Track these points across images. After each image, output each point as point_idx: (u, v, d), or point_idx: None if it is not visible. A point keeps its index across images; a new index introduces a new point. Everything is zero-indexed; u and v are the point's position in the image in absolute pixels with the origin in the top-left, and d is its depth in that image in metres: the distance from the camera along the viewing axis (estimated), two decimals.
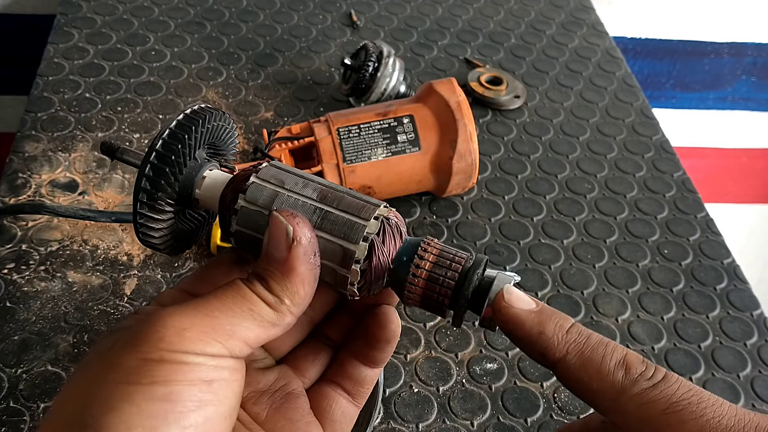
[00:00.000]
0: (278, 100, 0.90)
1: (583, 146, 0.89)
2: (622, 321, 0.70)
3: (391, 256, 0.32)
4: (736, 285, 0.74)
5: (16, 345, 0.61)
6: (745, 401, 0.64)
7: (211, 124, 0.35)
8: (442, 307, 0.32)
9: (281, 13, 1.05)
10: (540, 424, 0.61)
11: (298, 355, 0.37)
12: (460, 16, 1.09)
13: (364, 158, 0.72)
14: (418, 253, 0.32)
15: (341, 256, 0.32)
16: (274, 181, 0.33)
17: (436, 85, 0.74)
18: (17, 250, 0.69)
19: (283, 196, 0.33)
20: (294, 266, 0.31)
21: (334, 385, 0.36)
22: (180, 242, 0.37)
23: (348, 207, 0.33)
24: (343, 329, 0.37)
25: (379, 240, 0.32)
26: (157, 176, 0.33)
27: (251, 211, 0.33)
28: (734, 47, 1.43)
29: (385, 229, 0.32)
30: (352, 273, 0.32)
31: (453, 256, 0.33)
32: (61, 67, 0.91)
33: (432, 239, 0.33)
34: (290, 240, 0.31)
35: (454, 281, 0.32)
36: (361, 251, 0.32)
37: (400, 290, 0.33)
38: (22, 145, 0.79)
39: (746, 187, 1.64)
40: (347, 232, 0.32)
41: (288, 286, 0.31)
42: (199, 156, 0.36)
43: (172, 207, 0.35)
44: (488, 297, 0.32)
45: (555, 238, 0.77)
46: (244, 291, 0.31)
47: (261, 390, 0.35)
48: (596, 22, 1.12)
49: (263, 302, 0.31)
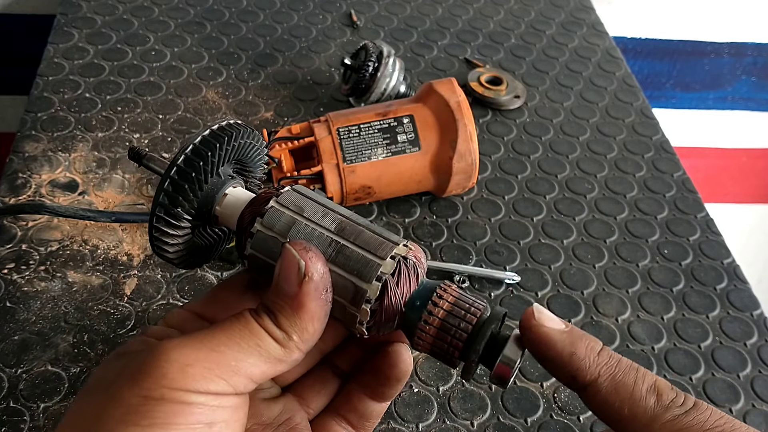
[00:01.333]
0: (278, 100, 0.90)
1: (583, 146, 0.89)
2: (622, 321, 0.70)
3: (404, 298, 0.31)
4: (736, 285, 0.74)
5: (16, 345, 0.61)
6: (745, 401, 0.64)
7: (237, 141, 0.35)
8: (452, 359, 0.31)
9: (281, 13, 1.05)
10: (540, 424, 0.61)
11: (305, 385, 0.36)
12: (460, 16, 1.09)
13: (364, 158, 0.72)
14: (432, 299, 0.31)
15: (353, 293, 0.31)
16: (293, 208, 0.33)
17: (436, 85, 0.74)
18: (17, 250, 0.69)
19: (300, 225, 0.32)
20: (304, 302, 0.30)
21: (339, 417, 0.35)
22: (195, 257, 0.36)
23: (365, 243, 0.32)
24: (352, 360, 0.36)
25: (393, 281, 0.31)
26: (176, 191, 0.33)
27: (267, 237, 0.32)
28: (734, 47, 1.43)
29: (401, 269, 0.31)
30: (362, 312, 0.31)
31: (469, 306, 0.31)
32: (61, 67, 0.91)
33: (450, 285, 0.32)
34: (302, 275, 0.30)
35: (467, 333, 0.31)
36: (373, 291, 0.31)
37: (411, 335, 0.32)
38: (22, 145, 0.79)
39: (746, 187, 1.64)
40: (361, 270, 0.31)
41: (297, 322, 0.30)
42: (223, 172, 0.35)
43: (190, 222, 0.34)
44: (502, 353, 0.31)
45: (555, 238, 0.77)
46: (252, 325, 0.30)
47: (264, 423, 0.34)
48: (596, 22, 1.12)
49: (271, 338, 0.30)
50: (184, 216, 0.33)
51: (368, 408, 0.35)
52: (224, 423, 0.28)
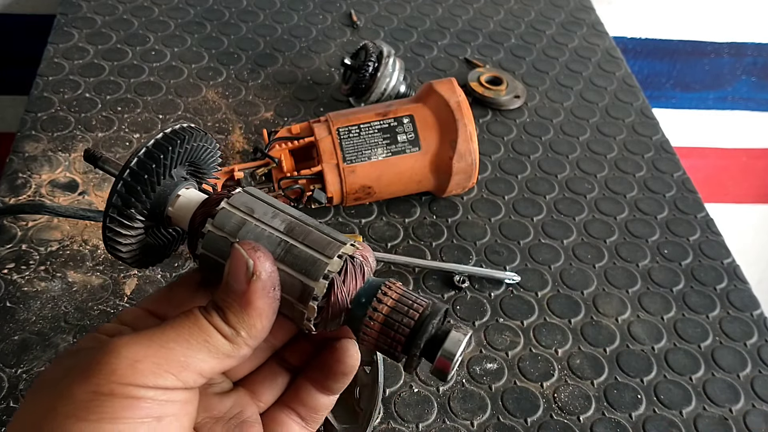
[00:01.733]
0: (278, 100, 0.90)
1: (583, 146, 0.89)
2: (622, 321, 0.70)
3: (350, 296, 0.32)
4: (736, 285, 0.74)
5: (16, 345, 0.61)
6: (745, 401, 0.64)
7: (190, 144, 0.35)
8: (395, 354, 0.32)
9: (281, 13, 1.05)
10: (540, 424, 0.61)
11: (255, 379, 0.37)
12: (460, 16, 1.09)
13: (364, 158, 0.72)
14: (377, 296, 0.32)
15: (300, 291, 0.32)
16: (243, 209, 0.34)
17: (436, 85, 0.74)
18: (17, 250, 0.69)
19: (250, 225, 0.33)
20: (252, 300, 0.31)
21: (288, 410, 0.36)
22: (148, 256, 0.37)
23: (313, 242, 0.33)
24: (302, 355, 0.37)
25: (339, 279, 0.32)
26: (129, 193, 0.34)
27: (217, 237, 0.33)
28: (734, 47, 1.43)
29: (348, 268, 0.32)
30: (309, 309, 0.32)
31: (412, 302, 0.32)
32: (61, 67, 0.91)
33: (395, 283, 0.33)
34: (250, 273, 0.31)
35: (409, 328, 0.32)
36: (320, 288, 0.32)
37: (356, 330, 0.33)
38: (22, 145, 0.79)
39: (746, 187, 1.64)
40: (309, 268, 0.32)
41: (245, 319, 0.31)
42: (176, 174, 0.36)
43: (143, 222, 0.35)
44: (442, 348, 0.32)
45: (555, 238, 0.77)
46: (201, 322, 0.31)
47: (216, 417, 0.34)
48: (596, 22, 1.12)
49: (219, 334, 0.31)
50: (136, 217, 0.34)
51: (317, 401, 0.36)
52: (173, 417, 0.29)
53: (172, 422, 0.29)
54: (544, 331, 0.68)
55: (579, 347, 0.67)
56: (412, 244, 0.74)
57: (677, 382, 0.65)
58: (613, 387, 0.64)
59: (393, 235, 0.75)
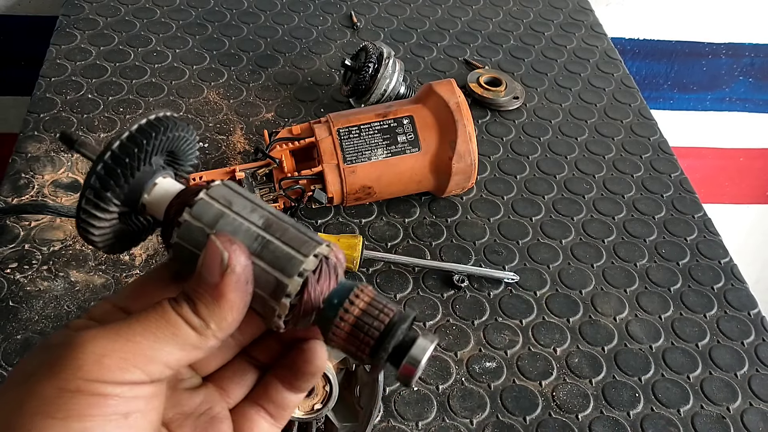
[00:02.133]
0: (279, 101, 0.91)
1: (582, 147, 0.90)
2: (620, 320, 0.70)
3: (323, 295, 0.33)
4: (734, 284, 0.75)
5: (18, 344, 0.62)
6: (742, 400, 0.65)
7: (172, 133, 0.35)
8: (362, 356, 0.33)
9: (282, 15, 1.06)
10: (539, 422, 0.61)
11: (224, 376, 0.37)
12: (460, 18, 1.10)
13: (364, 159, 0.72)
14: (350, 297, 0.33)
15: (274, 287, 0.32)
16: (223, 201, 0.33)
17: (436, 86, 0.74)
18: (20, 250, 0.69)
19: (229, 218, 0.33)
20: (224, 292, 0.31)
21: (257, 407, 0.36)
22: (120, 242, 0.37)
23: (290, 240, 0.33)
24: (270, 353, 0.37)
25: (314, 278, 0.32)
26: (108, 175, 0.33)
27: (194, 227, 0.33)
28: (732, 48, 1.43)
29: (323, 267, 0.32)
30: (281, 306, 0.32)
31: (382, 307, 0.33)
32: (63, 68, 0.91)
33: (366, 287, 0.33)
34: (224, 266, 0.31)
35: (379, 332, 0.32)
36: (294, 286, 0.32)
37: (326, 330, 0.33)
38: (24, 146, 0.80)
39: (744, 187, 1.64)
40: (284, 265, 0.32)
41: (216, 311, 0.31)
42: (155, 162, 0.36)
43: (118, 207, 0.35)
44: (408, 354, 0.32)
45: (554, 238, 0.78)
46: (169, 315, 0.31)
47: (186, 413, 0.35)
48: (594, 24, 1.12)
49: (188, 326, 0.31)
50: (113, 201, 0.34)
51: (285, 398, 0.37)
52: (140, 413, 0.29)
53: (139, 418, 0.29)
54: (543, 330, 0.68)
55: (577, 346, 0.67)
56: (411, 244, 0.75)
57: (675, 381, 0.65)
58: (612, 386, 0.65)
59: (393, 234, 0.76)
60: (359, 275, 0.71)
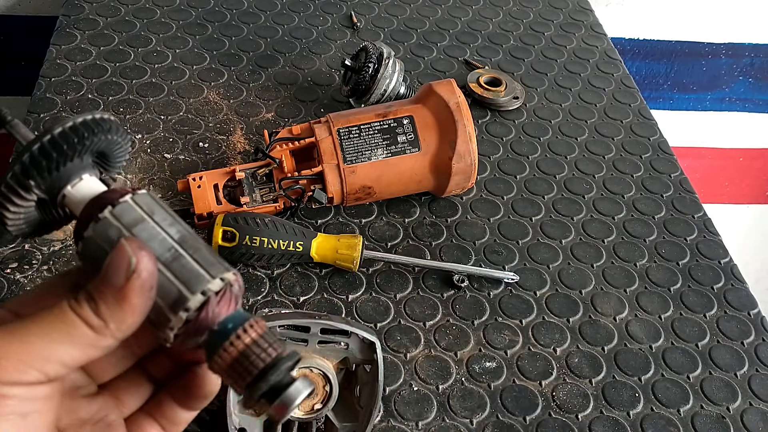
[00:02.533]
0: (279, 101, 0.91)
1: (582, 147, 0.90)
2: (620, 320, 0.70)
3: (219, 318, 0.33)
4: (734, 284, 0.75)
5: None
6: (742, 400, 0.65)
7: (108, 136, 0.35)
8: (240, 385, 0.33)
9: (282, 15, 1.06)
10: (539, 422, 0.61)
11: (119, 386, 0.37)
12: (460, 18, 1.10)
13: (364, 159, 0.72)
14: (244, 326, 0.33)
15: (175, 299, 0.33)
16: (145, 209, 0.34)
17: (436, 86, 0.75)
18: (20, 250, 0.69)
19: (147, 225, 0.33)
20: (128, 296, 0.31)
21: (150, 419, 0.37)
22: (30, 229, 0.37)
23: (201, 259, 0.33)
24: (164, 370, 0.38)
25: (215, 299, 0.33)
26: (33, 165, 0.33)
27: (112, 225, 0.33)
28: (731, 48, 1.43)
29: (226, 292, 0.33)
30: (176, 318, 0.32)
31: (271, 343, 0.33)
32: (63, 68, 0.91)
33: (261, 320, 0.34)
34: (131, 270, 0.31)
35: (264, 364, 0.33)
36: (195, 302, 0.32)
37: (212, 353, 0.33)
38: None
39: (743, 187, 1.64)
40: (190, 280, 0.33)
41: (117, 313, 0.31)
42: (84, 159, 0.36)
43: (37, 195, 0.35)
44: (284, 393, 0.33)
45: (553, 238, 0.78)
46: (66, 314, 0.31)
47: (82, 419, 0.35)
48: (594, 24, 1.12)
49: (86, 325, 0.31)
50: (33, 190, 0.34)
51: (177, 415, 0.37)
52: (37, 413, 0.30)
53: (36, 418, 0.30)
54: (543, 330, 0.68)
55: (577, 346, 0.67)
56: (411, 244, 0.75)
57: (675, 381, 0.66)
58: (611, 385, 0.65)
59: (393, 234, 0.76)
60: (359, 275, 0.71)
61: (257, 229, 0.67)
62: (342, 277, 0.71)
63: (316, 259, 0.69)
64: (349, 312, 0.68)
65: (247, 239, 0.67)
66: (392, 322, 0.67)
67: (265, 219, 0.68)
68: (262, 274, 0.70)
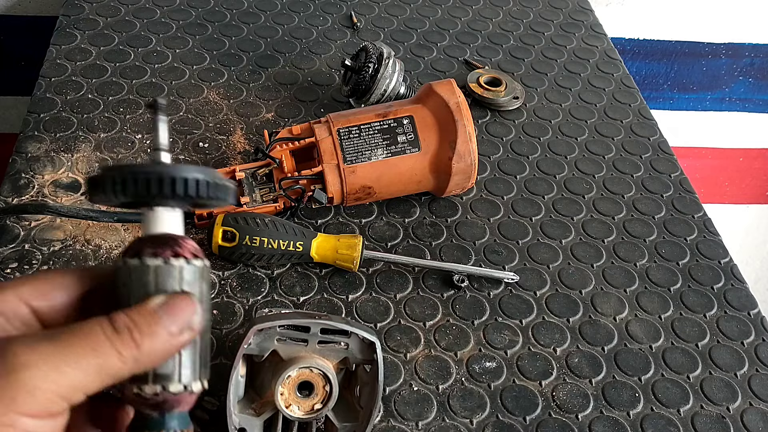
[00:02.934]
0: (279, 101, 0.91)
1: (582, 147, 0.90)
2: (620, 320, 0.70)
3: (172, 410, 0.34)
4: (734, 284, 0.75)
5: None
6: (742, 400, 0.65)
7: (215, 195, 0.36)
8: None
9: (282, 15, 1.06)
10: (539, 422, 0.61)
11: None
12: (460, 18, 1.10)
13: (364, 159, 0.72)
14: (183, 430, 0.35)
15: (165, 373, 0.34)
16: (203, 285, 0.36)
17: (436, 86, 0.75)
18: (20, 250, 0.69)
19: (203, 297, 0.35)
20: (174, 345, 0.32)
21: None
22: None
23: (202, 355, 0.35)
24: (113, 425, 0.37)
25: (186, 396, 0.35)
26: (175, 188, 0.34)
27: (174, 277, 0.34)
28: (731, 48, 1.43)
29: (195, 397, 0.35)
30: (150, 387, 0.33)
31: None
32: (63, 68, 0.91)
33: None
34: (190, 324, 0.32)
35: None
36: (174, 387, 0.34)
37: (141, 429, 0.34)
38: (24, 146, 0.80)
39: (743, 187, 1.64)
40: (186, 368, 0.34)
41: (152, 354, 0.32)
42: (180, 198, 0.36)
43: (128, 200, 0.35)
44: None
45: (553, 238, 0.78)
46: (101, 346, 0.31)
47: None
48: (594, 24, 1.12)
49: (117, 356, 0.31)
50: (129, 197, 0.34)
51: None
52: None
53: None
54: (543, 330, 0.68)
55: (577, 346, 0.67)
56: (411, 244, 0.75)
57: (675, 381, 0.66)
58: (611, 385, 0.65)
59: (393, 234, 0.76)
60: (359, 275, 0.71)
61: (257, 229, 0.67)
62: (342, 277, 0.71)
63: (316, 259, 0.69)
64: (349, 312, 0.68)
65: (247, 239, 0.67)
66: (392, 322, 0.67)
67: (265, 219, 0.68)
68: (262, 274, 0.70)
